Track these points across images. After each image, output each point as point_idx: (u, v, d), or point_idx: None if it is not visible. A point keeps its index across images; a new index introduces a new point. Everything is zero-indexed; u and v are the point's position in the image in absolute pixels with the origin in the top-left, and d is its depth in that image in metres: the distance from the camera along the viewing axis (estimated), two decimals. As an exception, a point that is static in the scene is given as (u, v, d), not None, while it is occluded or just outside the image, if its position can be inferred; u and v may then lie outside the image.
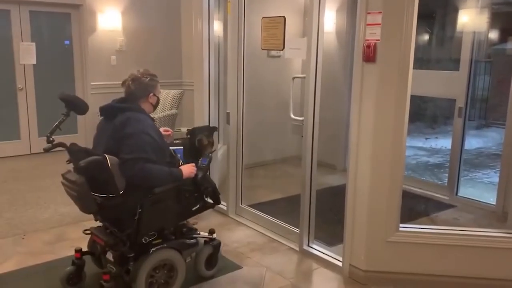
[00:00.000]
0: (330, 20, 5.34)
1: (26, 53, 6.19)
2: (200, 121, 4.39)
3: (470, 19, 4.48)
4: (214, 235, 3.11)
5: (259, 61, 4.87)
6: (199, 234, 3.05)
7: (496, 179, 4.94)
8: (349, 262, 3.08)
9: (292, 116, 3.36)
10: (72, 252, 3.34)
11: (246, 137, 4.13)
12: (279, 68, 5.79)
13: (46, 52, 6.37)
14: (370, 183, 2.91)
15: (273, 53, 5.13)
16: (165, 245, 2.74)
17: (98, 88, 6.55)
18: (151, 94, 2.85)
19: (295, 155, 5.95)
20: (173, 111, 6.08)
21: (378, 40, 2.74)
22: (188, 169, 2.80)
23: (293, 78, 3.17)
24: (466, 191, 4.76)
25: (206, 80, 4.30)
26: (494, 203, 4.32)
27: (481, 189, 5.20)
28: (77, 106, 2.83)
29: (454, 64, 4.83)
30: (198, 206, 2.92)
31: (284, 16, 3.48)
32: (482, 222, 4.17)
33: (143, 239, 2.65)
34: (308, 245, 3.46)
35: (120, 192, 2.53)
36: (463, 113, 4.50)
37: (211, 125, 4.27)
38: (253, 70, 4.14)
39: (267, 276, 3.11)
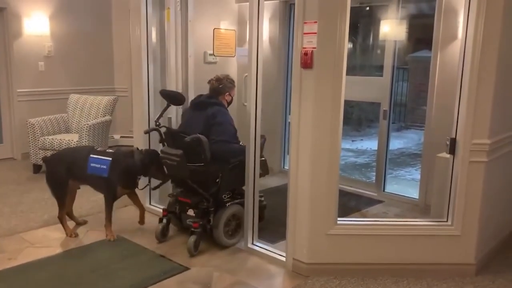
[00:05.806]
0: (265, 29, 5.56)
1: None
2: (140, 127, 4.38)
3: (391, 29, 4.88)
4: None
5: (196, 67, 4.97)
6: None
7: (417, 176, 5.38)
8: (292, 256, 3.25)
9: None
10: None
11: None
12: (215, 73, 5.89)
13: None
14: (310, 182, 3.10)
15: (210, 59, 5.24)
16: (235, 201, 3.70)
17: (25, 95, 6.28)
18: (227, 93, 3.84)
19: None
20: (107, 117, 5.96)
21: (315, 48, 2.94)
22: None
23: (245, 76, 3.96)
24: (391, 187, 5.13)
25: (146, 85, 4.31)
26: (417, 197, 4.73)
27: (405, 185, 5.64)
28: (175, 99, 3.80)
29: (377, 70, 5.21)
30: None
31: (234, 30, 4.45)
32: (407, 214, 4.54)
33: (223, 196, 3.65)
34: (253, 243, 3.60)
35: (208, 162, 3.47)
36: (388, 115, 4.89)
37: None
38: (191, 75, 4.25)
39: (215, 275, 3.21)
